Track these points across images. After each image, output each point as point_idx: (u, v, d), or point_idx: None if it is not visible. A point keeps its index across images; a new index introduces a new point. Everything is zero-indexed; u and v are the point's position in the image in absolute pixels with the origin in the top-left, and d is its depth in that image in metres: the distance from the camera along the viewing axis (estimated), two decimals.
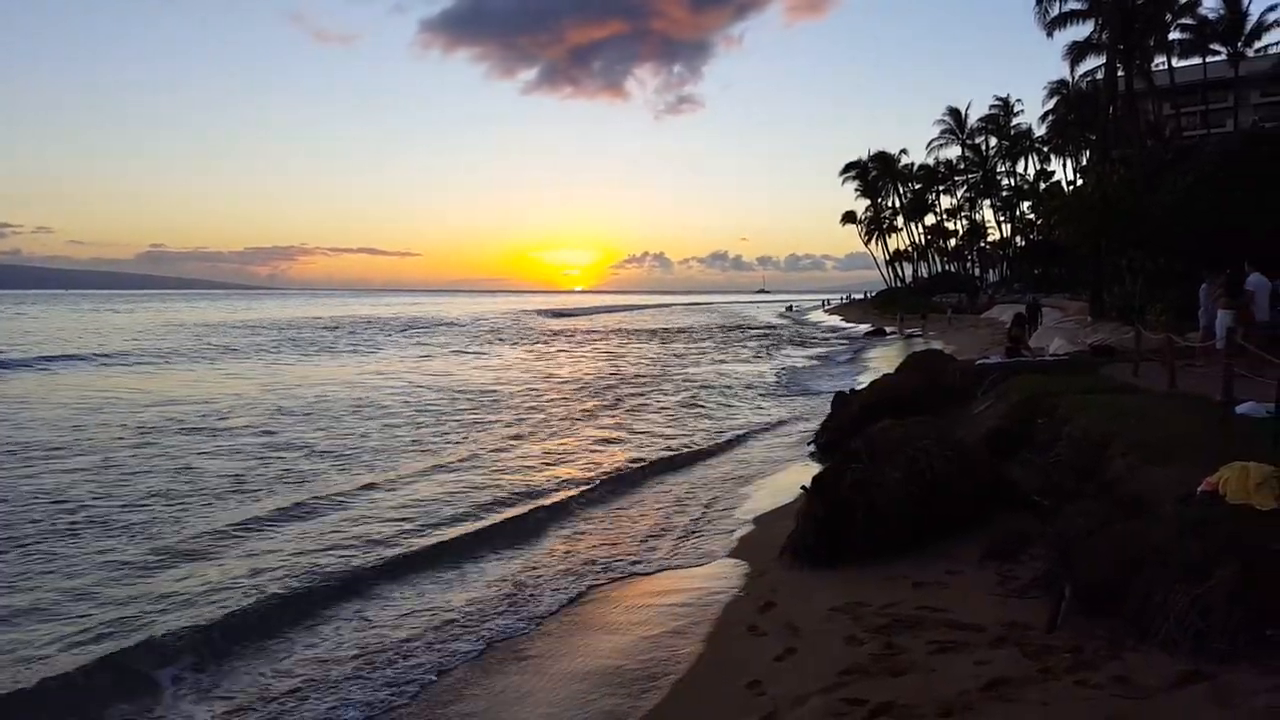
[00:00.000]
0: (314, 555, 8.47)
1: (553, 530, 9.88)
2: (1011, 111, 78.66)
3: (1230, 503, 5.16)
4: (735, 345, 45.34)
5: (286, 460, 13.32)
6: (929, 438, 7.97)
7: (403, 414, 18.66)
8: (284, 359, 35.09)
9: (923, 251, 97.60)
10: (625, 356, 37.59)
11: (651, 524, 9.92)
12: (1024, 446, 9.87)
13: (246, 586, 7.52)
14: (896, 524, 7.20)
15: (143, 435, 15.43)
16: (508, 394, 22.81)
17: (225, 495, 10.99)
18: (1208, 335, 14.36)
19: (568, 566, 8.35)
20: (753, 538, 8.85)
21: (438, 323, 72.17)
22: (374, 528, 9.51)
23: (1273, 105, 62.45)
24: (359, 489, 11.40)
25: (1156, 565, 4.79)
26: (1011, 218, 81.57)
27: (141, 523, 9.61)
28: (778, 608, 6.36)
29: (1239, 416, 8.50)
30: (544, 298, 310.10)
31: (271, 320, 73.43)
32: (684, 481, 12.35)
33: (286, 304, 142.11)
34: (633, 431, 16.76)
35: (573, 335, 56.38)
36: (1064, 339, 24.55)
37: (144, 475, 12.09)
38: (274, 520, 9.78)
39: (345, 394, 22.37)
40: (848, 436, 11.18)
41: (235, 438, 15.30)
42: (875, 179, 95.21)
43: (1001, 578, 6.16)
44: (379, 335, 52.38)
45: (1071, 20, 37.46)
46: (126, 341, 43.76)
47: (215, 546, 8.80)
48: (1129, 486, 6.49)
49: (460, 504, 10.63)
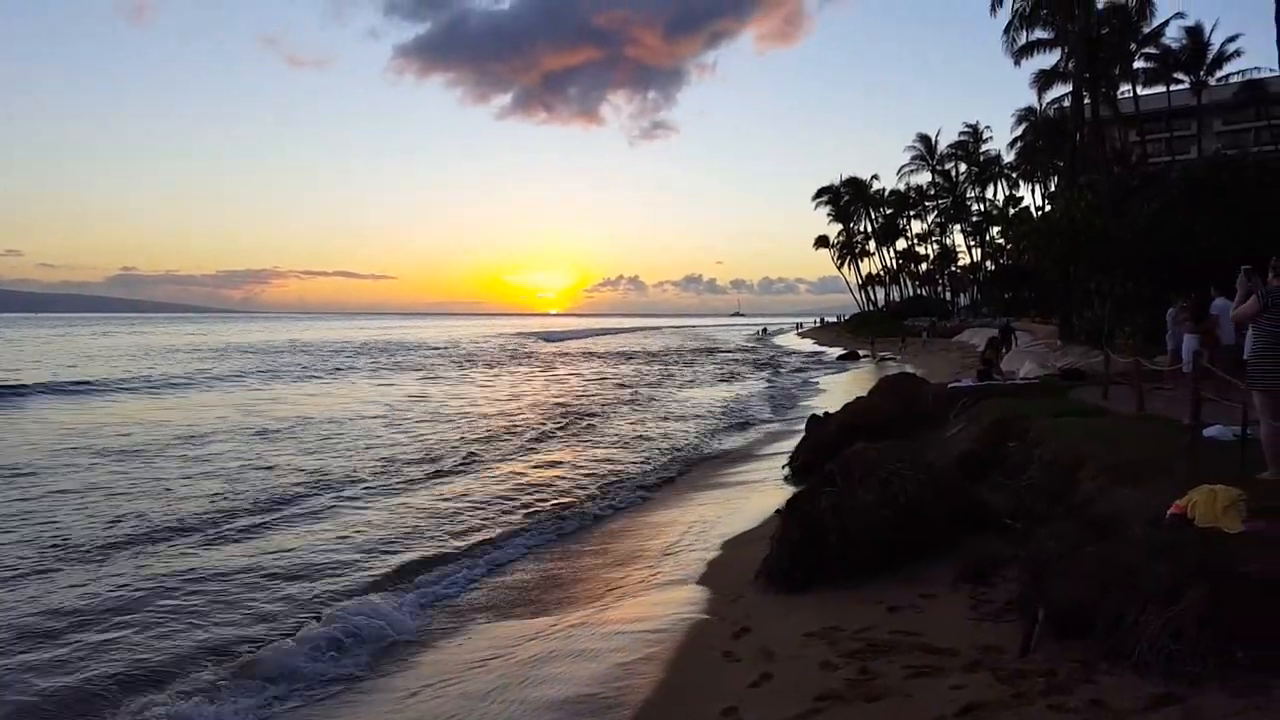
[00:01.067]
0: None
1: (529, 556, 9.79)
2: (981, 138, 79.99)
3: (1199, 526, 5.20)
4: (710, 368, 45.46)
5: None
6: (902, 461, 7.99)
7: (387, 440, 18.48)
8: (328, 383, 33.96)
9: (895, 275, 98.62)
10: (627, 378, 37.59)
11: (625, 550, 9.87)
12: (996, 469, 9.95)
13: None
14: (870, 547, 7.20)
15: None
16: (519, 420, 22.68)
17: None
18: (1175, 359, 14.55)
19: (541, 591, 8.27)
20: (727, 561, 8.81)
21: (450, 348, 70.18)
22: (336, 554, 9.39)
23: (1235, 133, 63.87)
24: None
25: (1127, 588, 4.81)
26: (981, 242, 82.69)
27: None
28: (752, 633, 6.32)
29: (1207, 439, 8.60)
30: (521, 320, 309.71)
31: (269, 343, 72.18)
32: (659, 507, 12.31)
33: (280, 327, 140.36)
34: (607, 457, 16.71)
35: (580, 359, 56.39)
36: (1034, 362, 24.81)
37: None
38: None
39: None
40: (823, 459, 11.19)
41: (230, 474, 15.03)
42: (847, 204, 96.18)
43: (975, 601, 6.17)
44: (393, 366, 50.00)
45: (1038, 49, 38.27)
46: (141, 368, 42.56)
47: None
48: (1100, 509, 6.54)
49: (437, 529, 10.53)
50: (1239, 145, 55.58)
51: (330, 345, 72.76)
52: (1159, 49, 50.91)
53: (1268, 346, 7.02)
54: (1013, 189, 79.88)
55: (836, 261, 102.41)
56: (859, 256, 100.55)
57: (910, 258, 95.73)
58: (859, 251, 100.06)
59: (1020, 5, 35.08)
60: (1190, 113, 57.53)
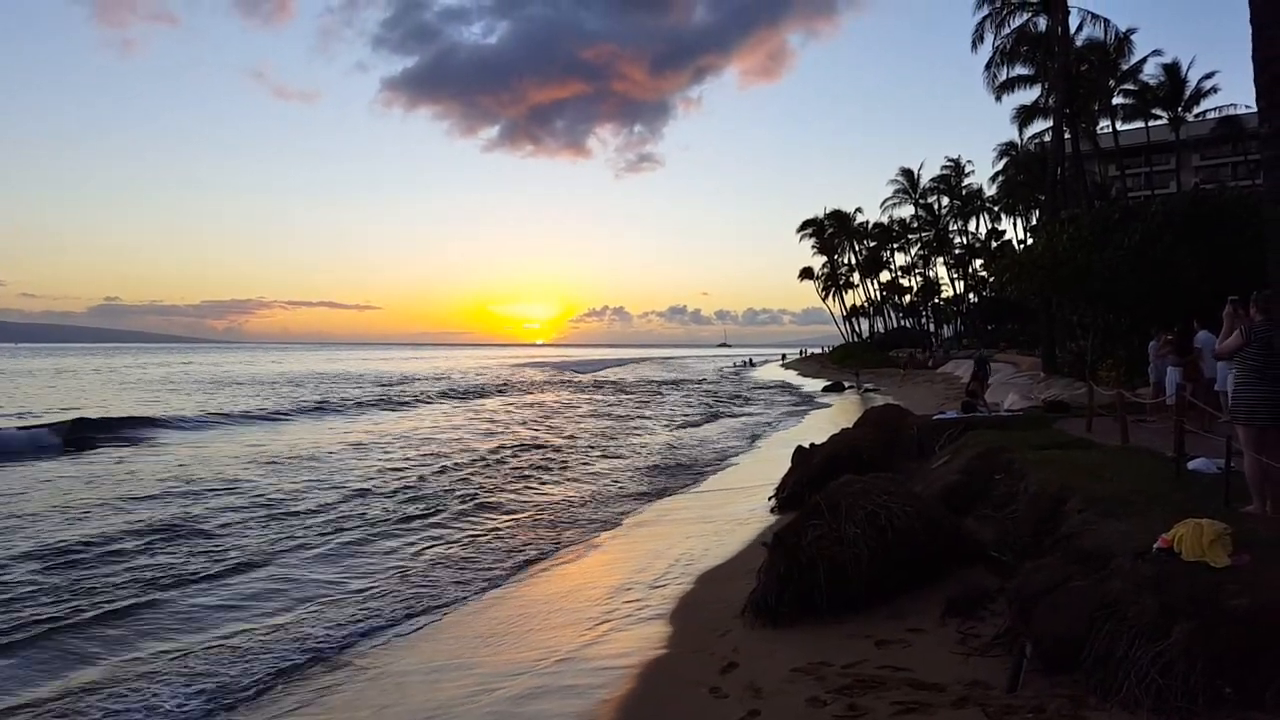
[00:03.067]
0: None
1: (508, 586, 9.70)
2: (962, 172, 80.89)
3: (1186, 560, 5.20)
4: (700, 402, 45.47)
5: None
6: (889, 493, 7.97)
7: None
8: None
9: (879, 307, 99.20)
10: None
11: (611, 582, 9.79)
12: (982, 501, 9.93)
13: None
14: (858, 581, 7.16)
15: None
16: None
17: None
18: (1158, 391, 14.65)
19: (528, 622, 8.17)
20: (713, 595, 8.75)
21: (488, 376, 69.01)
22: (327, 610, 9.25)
23: (1213, 167, 64.92)
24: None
25: (1115, 622, 4.80)
26: (964, 274, 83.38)
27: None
28: (740, 668, 6.26)
29: (1191, 472, 8.63)
30: (509, 350, 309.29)
31: (294, 374, 71.48)
32: (646, 539, 12.23)
33: (288, 357, 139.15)
34: (593, 488, 16.64)
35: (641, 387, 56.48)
36: (1018, 394, 24.96)
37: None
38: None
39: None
40: (809, 491, 11.16)
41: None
42: (831, 236, 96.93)
43: (963, 635, 6.14)
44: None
45: (1019, 85, 38.88)
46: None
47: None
48: (1086, 542, 6.52)
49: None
50: (1217, 179, 56.45)
51: (357, 375, 72.27)
52: (1137, 85, 51.83)
53: (1250, 381, 7.08)
54: (995, 222, 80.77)
55: (821, 293, 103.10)
56: (843, 288, 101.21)
57: (894, 289, 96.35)
58: (843, 283, 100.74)
59: (1001, 42, 35.69)
60: (1169, 147, 58.51)
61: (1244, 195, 24.72)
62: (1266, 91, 7.81)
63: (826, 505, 7.92)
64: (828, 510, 7.81)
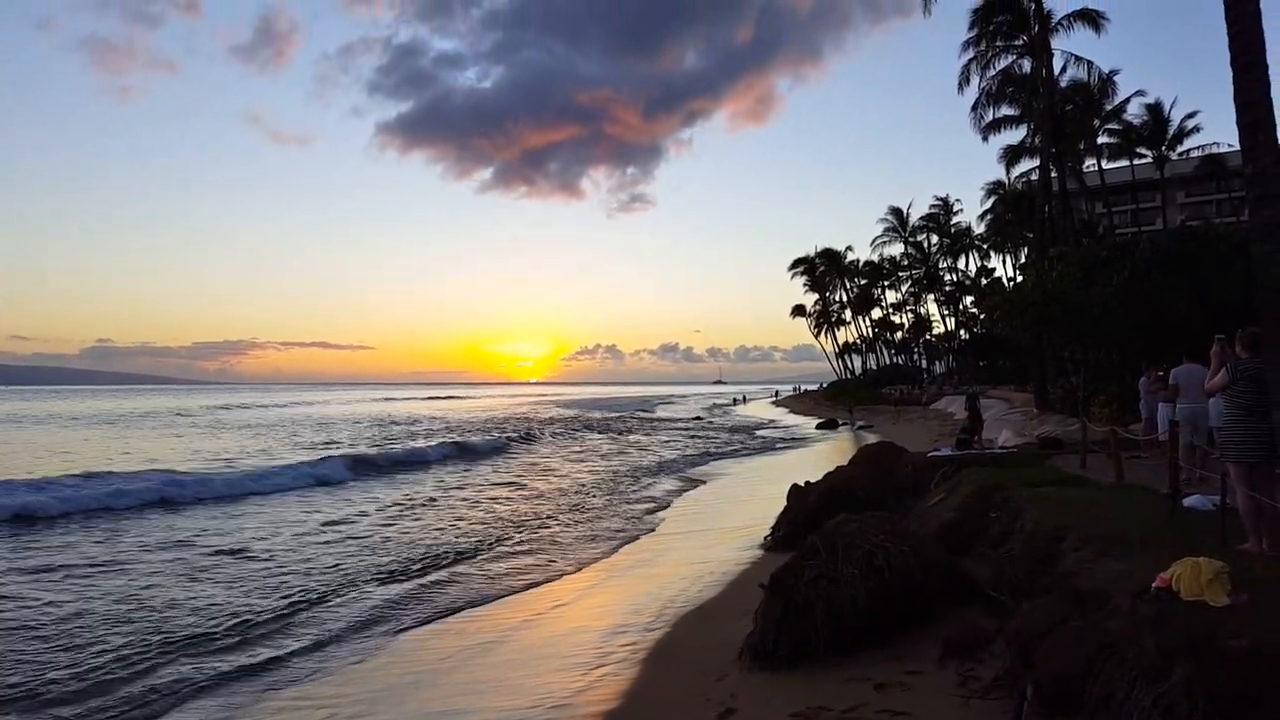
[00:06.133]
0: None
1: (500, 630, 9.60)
2: (951, 210, 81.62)
3: (1184, 599, 5.18)
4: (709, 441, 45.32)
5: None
6: (885, 533, 7.95)
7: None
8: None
9: (871, 344, 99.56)
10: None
11: (607, 624, 9.69)
12: (978, 540, 9.90)
13: None
14: (855, 622, 7.12)
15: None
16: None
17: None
18: (1149, 427, 14.66)
19: (516, 668, 8.08)
20: (711, 638, 8.67)
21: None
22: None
23: (1198, 204, 65.70)
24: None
25: (1116, 664, 4.78)
26: (955, 311, 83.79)
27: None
28: (737, 714, 6.19)
29: (1186, 509, 8.63)
30: (504, 389, 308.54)
31: (356, 415, 71.02)
32: (642, 579, 12.14)
33: (303, 396, 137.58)
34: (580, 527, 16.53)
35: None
36: (1011, 431, 24.98)
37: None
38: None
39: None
40: (805, 530, 11.11)
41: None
42: (823, 274, 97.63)
43: (962, 678, 6.09)
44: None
45: (1005, 125, 39.38)
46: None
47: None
48: (1084, 581, 6.50)
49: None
50: (1202, 216, 57.26)
51: (404, 417, 72.03)
52: (1121, 125, 52.57)
53: (1239, 417, 7.11)
54: (984, 260, 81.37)
55: (814, 330, 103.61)
56: (835, 325, 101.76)
57: (886, 326, 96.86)
58: (835, 320, 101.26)
59: (987, 84, 36.16)
60: (1154, 185, 59.23)
61: (1230, 232, 24.97)
62: (1249, 133, 7.95)
63: (823, 545, 7.89)
64: (824, 551, 7.79)
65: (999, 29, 34.94)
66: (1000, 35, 35.09)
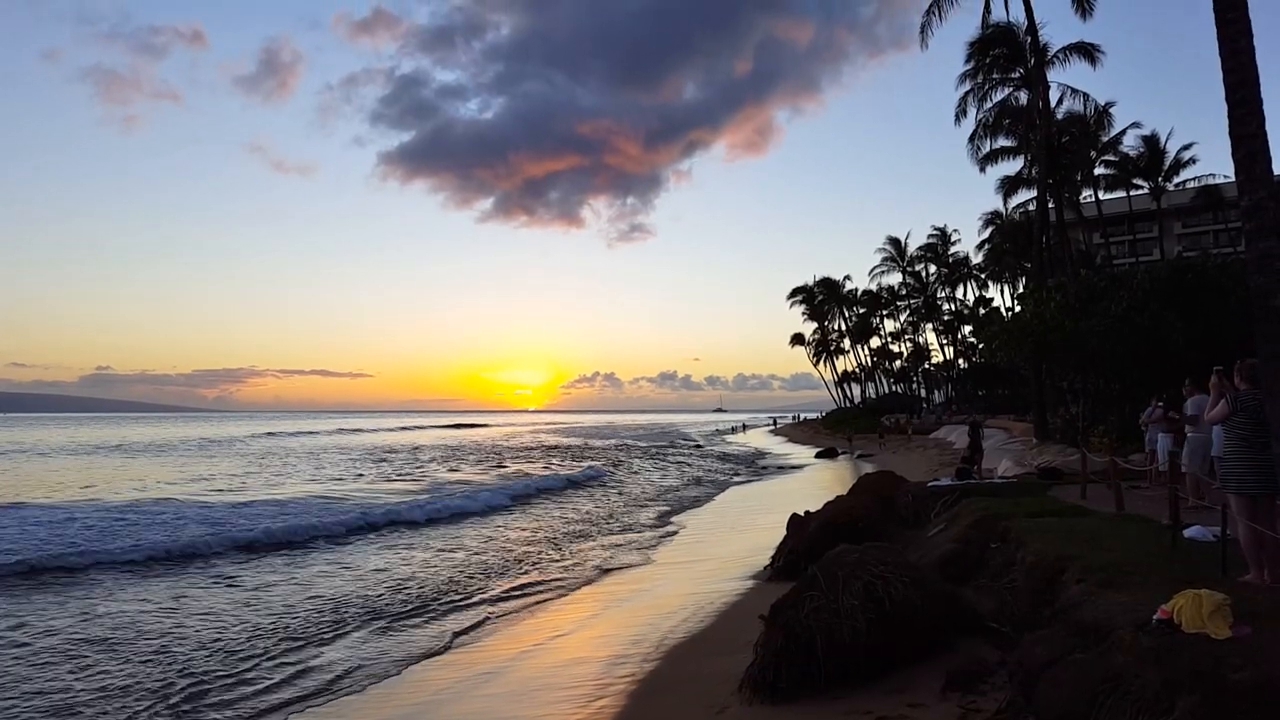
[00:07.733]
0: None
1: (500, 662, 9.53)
2: (949, 240, 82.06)
3: (1186, 631, 5.16)
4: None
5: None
6: (886, 563, 7.92)
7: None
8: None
9: (870, 372, 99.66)
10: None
11: (608, 653, 9.63)
12: (979, 570, 9.86)
13: None
14: (856, 653, 7.07)
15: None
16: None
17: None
18: (1152, 458, 14.66)
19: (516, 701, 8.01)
20: (711, 669, 8.62)
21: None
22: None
23: (1194, 235, 66.06)
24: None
25: (1119, 697, 4.75)
26: (954, 340, 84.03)
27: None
28: None
29: (1187, 540, 8.61)
30: (505, 417, 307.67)
31: (383, 445, 70.55)
32: (644, 610, 12.08)
33: (311, 424, 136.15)
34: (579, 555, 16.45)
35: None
36: (1011, 460, 24.93)
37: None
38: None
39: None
40: (805, 560, 11.08)
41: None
42: (821, 303, 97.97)
43: (964, 710, 6.05)
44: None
45: (1002, 156, 39.70)
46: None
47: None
48: (1086, 614, 6.48)
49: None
50: (1199, 247, 57.57)
51: (457, 445, 71.77)
52: (1118, 156, 52.94)
53: (1239, 449, 7.12)
54: (982, 289, 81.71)
55: (812, 358, 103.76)
56: (834, 354, 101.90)
57: (884, 355, 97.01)
58: (834, 349, 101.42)
59: (984, 116, 36.45)
60: (1151, 216, 59.55)
61: (1227, 263, 25.11)
62: (1244, 166, 7.98)
63: (823, 576, 7.86)
64: (824, 581, 7.75)
65: (996, 62, 35.26)
66: (997, 68, 35.41)
